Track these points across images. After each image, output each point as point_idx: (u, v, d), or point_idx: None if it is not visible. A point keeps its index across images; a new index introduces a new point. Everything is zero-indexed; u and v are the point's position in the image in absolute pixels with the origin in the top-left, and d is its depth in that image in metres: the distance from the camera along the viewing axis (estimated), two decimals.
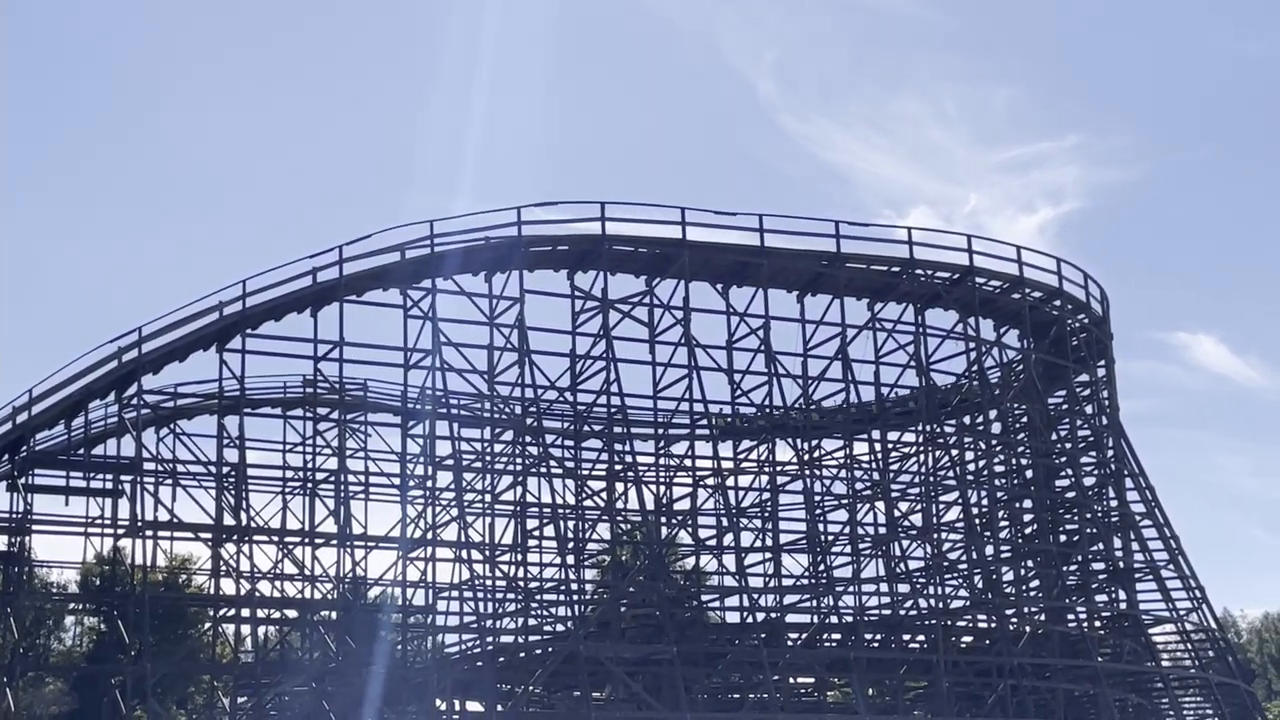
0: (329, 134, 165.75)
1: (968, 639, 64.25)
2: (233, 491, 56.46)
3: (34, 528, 54.37)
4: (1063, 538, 67.82)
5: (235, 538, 55.16)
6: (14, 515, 53.10)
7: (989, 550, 64.45)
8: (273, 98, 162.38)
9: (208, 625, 62.30)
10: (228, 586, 55.62)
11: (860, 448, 63.20)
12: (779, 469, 62.18)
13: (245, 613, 56.71)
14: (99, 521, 57.84)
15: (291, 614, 58.71)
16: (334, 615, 57.56)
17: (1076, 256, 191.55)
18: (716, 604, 66.33)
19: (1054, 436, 68.94)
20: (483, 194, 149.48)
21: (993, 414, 67.10)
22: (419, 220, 55.62)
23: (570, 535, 60.11)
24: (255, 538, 56.38)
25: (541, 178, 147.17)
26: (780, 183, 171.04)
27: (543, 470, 57.84)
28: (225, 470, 56.08)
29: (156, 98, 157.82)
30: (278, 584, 58.45)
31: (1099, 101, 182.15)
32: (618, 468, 59.24)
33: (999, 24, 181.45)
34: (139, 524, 52.30)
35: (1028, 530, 68.23)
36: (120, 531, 55.57)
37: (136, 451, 53.11)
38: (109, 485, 56.45)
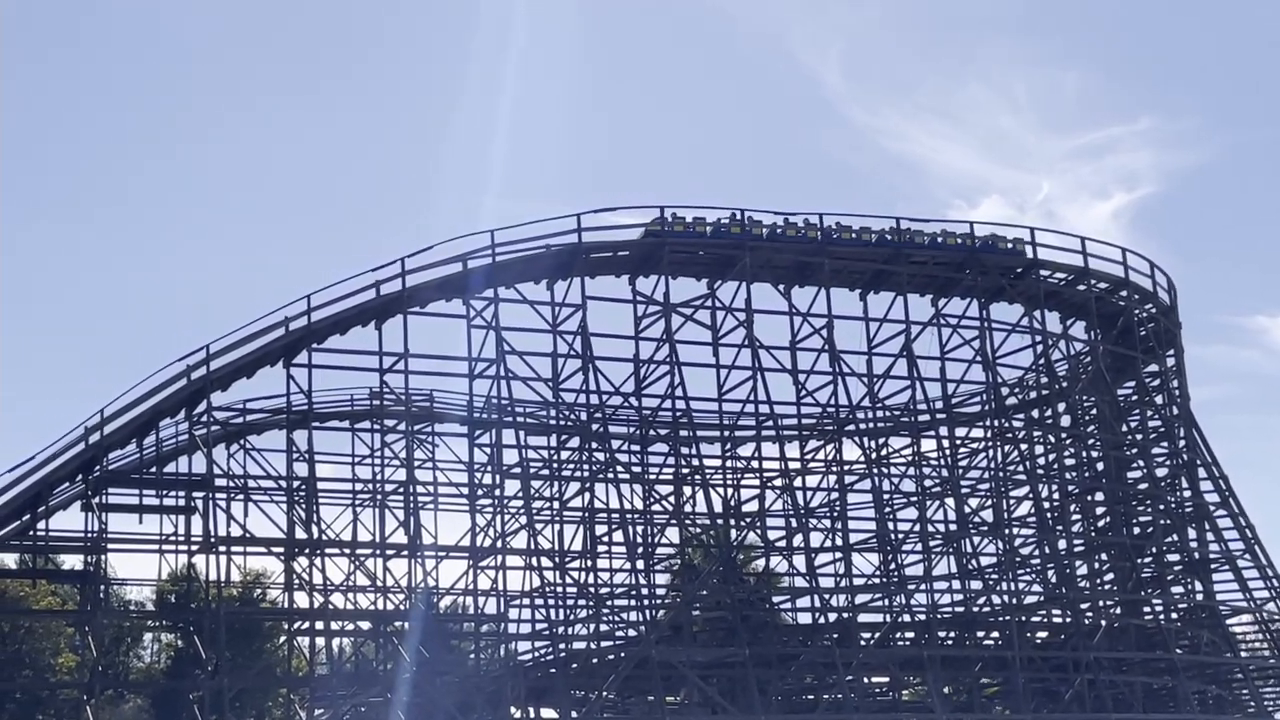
0: (369, 134, 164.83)
1: (1043, 634, 63.86)
2: (303, 505, 56.80)
3: (109, 546, 54.86)
4: (1136, 530, 67.16)
5: (307, 551, 55.60)
6: (89, 535, 53.59)
7: (1061, 544, 63.97)
8: (309, 100, 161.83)
9: (283, 639, 62.79)
10: (301, 600, 56.19)
11: (928, 444, 62.89)
12: (847, 468, 61.93)
13: (319, 625, 57.19)
14: (173, 538, 58.27)
15: (365, 625, 59.09)
16: (407, 626, 57.86)
17: (1153, 242, 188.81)
18: (788, 605, 66.20)
19: (1124, 428, 68.36)
20: (548, 195, 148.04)
21: (1061, 407, 66.62)
22: (480, 230, 55.91)
23: (639, 540, 60.10)
24: (327, 550, 56.88)
25: (603, 176, 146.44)
26: (848, 177, 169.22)
27: (610, 476, 57.94)
28: (295, 484, 56.46)
29: (206, 115, 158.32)
30: (350, 596, 58.86)
31: (1170, 82, 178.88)
32: (685, 471, 59.28)
33: (1066, 5, 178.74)
34: (212, 540, 52.80)
35: (1100, 523, 67.72)
36: (194, 548, 56.03)
37: (208, 468, 53.72)
38: (182, 502, 56.81)
